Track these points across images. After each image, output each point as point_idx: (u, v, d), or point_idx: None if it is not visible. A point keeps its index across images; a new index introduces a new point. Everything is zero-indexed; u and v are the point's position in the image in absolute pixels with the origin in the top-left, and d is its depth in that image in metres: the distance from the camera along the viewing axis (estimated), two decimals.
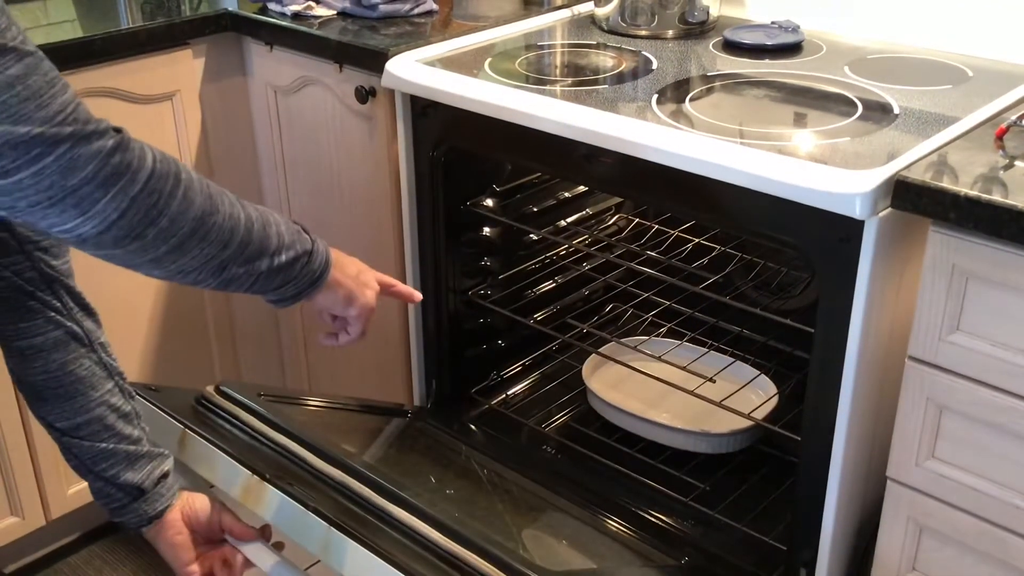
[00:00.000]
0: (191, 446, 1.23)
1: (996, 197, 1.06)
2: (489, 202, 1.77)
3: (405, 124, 1.64)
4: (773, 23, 1.72)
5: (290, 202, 1.99)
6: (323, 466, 1.24)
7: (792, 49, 1.65)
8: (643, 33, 1.74)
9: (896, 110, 1.37)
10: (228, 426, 1.30)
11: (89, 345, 1.09)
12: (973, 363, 1.14)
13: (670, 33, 1.74)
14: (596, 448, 1.69)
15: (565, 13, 1.89)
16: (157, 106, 1.82)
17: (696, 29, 1.75)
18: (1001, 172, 1.13)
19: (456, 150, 1.62)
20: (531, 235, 1.85)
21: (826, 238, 1.20)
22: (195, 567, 1.15)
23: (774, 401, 1.68)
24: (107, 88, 1.73)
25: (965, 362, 1.14)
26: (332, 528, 1.10)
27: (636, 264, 1.73)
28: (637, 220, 1.92)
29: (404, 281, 1.78)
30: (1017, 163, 1.15)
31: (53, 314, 1.06)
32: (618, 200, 1.97)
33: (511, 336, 1.90)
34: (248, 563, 1.17)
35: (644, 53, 1.65)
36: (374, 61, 1.65)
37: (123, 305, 1.87)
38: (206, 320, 2.04)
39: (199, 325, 2.04)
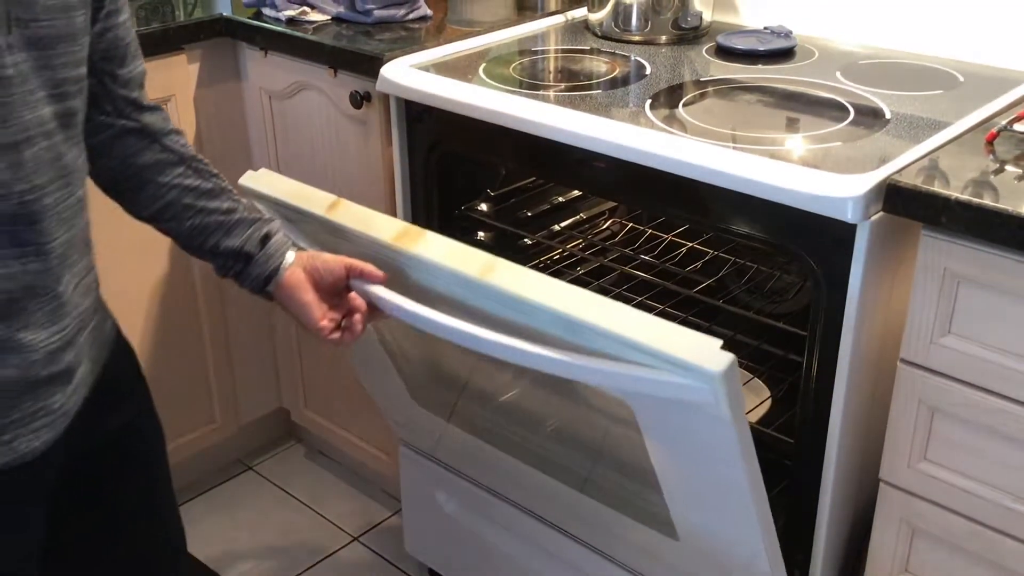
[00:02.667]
0: (343, 208, 1.31)
1: (987, 201, 1.07)
2: (483, 207, 1.78)
3: (399, 129, 1.65)
4: (766, 29, 1.73)
5: None
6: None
7: (785, 54, 1.66)
8: (636, 38, 1.75)
9: (888, 115, 1.38)
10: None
11: (150, 137, 1.16)
12: (964, 366, 1.15)
13: (663, 38, 1.75)
14: None
15: (559, 18, 1.90)
16: None
17: (689, 34, 1.76)
18: (992, 176, 1.14)
19: (450, 155, 1.63)
20: (525, 239, 1.85)
21: (819, 242, 1.21)
22: (325, 322, 1.21)
23: (767, 404, 1.68)
24: None
25: (956, 365, 1.15)
26: (495, 257, 1.18)
27: (630, 268, 1.74)
28: (631, 224, 1.92)
29: None
30: (1007, 167, 1.16)
31: (103, 117, 1.12)
32: (612, 204, 1.98)
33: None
34: (375, 311, 1.22)
35: (637, 58, 1.66)
36: (369, 66, 1.65)
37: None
38: (201, 332, 2.05)
39: (194, 337, 2.04)
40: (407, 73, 1.59)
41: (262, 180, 1.37)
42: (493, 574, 1.79)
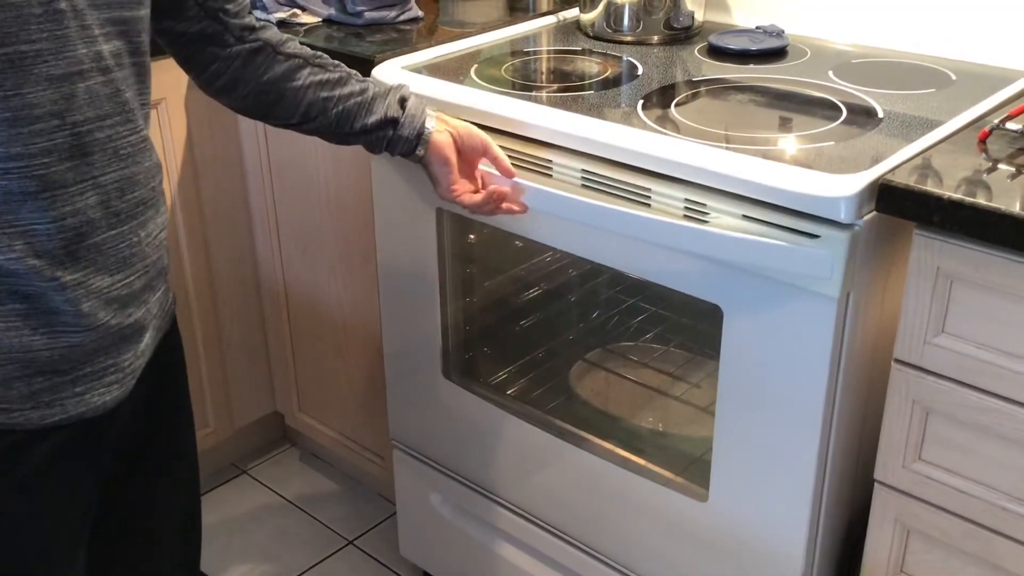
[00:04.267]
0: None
1: (980, 200, 1.06)
2: None
3: None
4: (758, 28, 1.73)
5: (276, 208, 1.99)
6: None
7: (777, 54, 1.65)
8: (628, 39, 1.75)
9: (880, 114, 1.38)
10: None
11: (272, 50, 1.26)
12: (958, 365, 1.14)
13: (655, 39, 1.75)
14: None
15: (550, 19, 1.89)
16: None
17: (681, 34, 1.76)
18: (984, 175, 1.14)
19: None
20: (516, 241, 1.85)
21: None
22: (458, 186, 1.34)
23: None
24: None
25: (950, 364, 1.15)
26: None
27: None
28: None
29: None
30: (1000, 166, 1.16)
31: (228, 49, 1.23)
32: None
33: (497, 343, 1.90)
34: (500, 195, 1.35)
35: (629, 59, 1.66)
36: (360, 68, 1.63)
37: None
38: (195, 336, 2.04)
39: (187, 341, 2.02)
40: (399, 75, 1.59)
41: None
42: None
